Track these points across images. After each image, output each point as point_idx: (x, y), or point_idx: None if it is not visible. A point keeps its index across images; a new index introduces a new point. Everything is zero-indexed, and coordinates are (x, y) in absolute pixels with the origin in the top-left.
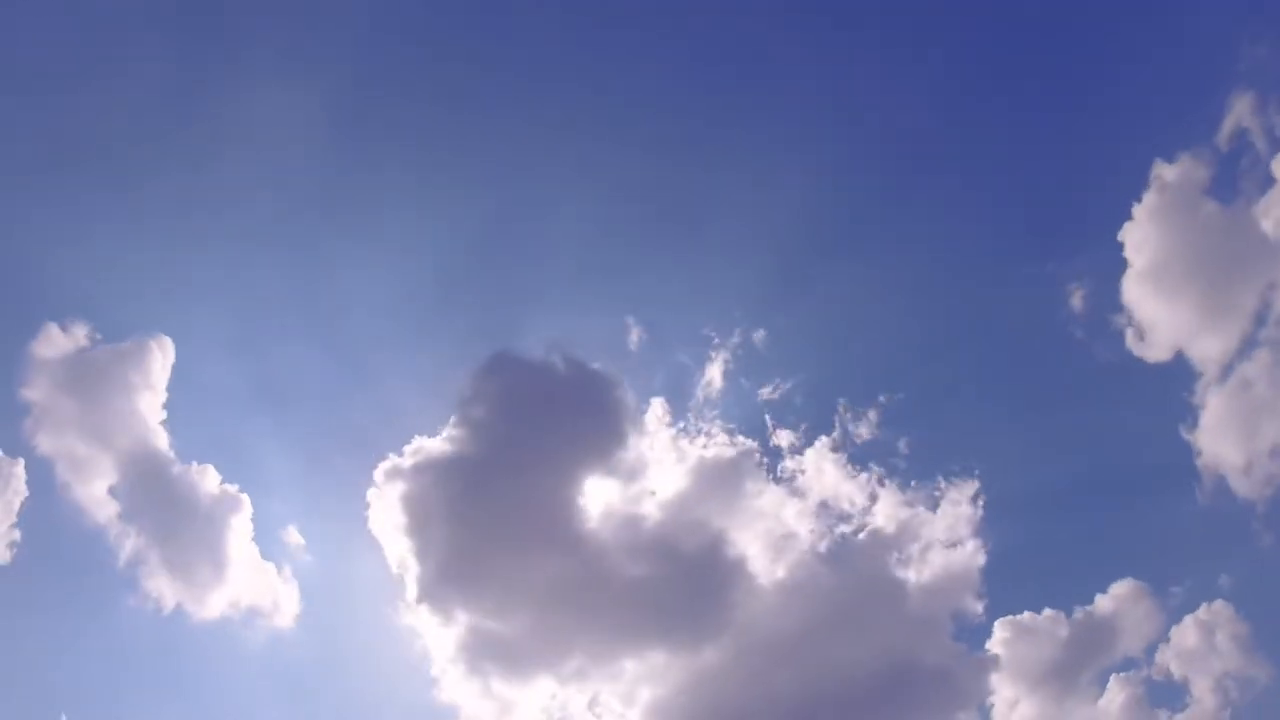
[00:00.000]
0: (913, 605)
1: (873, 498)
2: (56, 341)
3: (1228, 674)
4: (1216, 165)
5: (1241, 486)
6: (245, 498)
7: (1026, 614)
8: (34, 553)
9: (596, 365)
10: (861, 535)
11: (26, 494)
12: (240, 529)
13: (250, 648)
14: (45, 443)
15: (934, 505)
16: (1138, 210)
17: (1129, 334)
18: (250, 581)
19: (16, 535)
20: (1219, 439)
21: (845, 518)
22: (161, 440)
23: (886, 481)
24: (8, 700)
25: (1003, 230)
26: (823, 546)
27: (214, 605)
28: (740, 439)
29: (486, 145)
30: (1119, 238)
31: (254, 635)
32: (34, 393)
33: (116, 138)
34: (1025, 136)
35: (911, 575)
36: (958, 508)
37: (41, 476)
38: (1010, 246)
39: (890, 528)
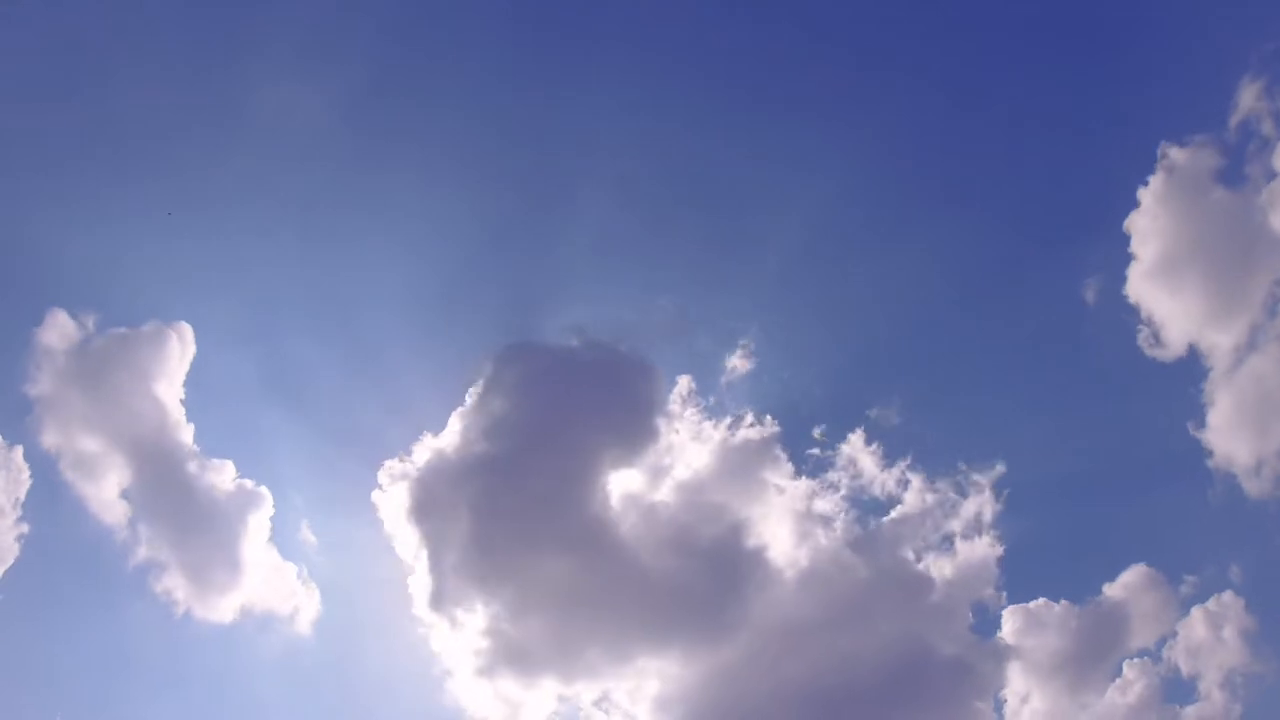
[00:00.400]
0: (930, 595)
1: (893, 488)
2: (65, 328)
3: (1235, 669)
4: (1225, 152)
5: (1252, 485)
6: (263, 492)
7: (1040, 605)
8: (43, 549)
9: (618, 355)
10: (881, 525)
11: (31, 484)
12: (258, 527)
13: (265, 650)
14: (53, 434)
15: (950, 497)
16: (1145, 197)
17: (1138, 326)
18: (267, 581)
19: (25, 529)
20: (1229, 435)
21: (865, 507)
22: (178, 432)
23: (906, 472)
24: (17, 704)
25: (1017, 219)
26: (843, 536)
27: (229, 606)
28: (762, 428)
29: (507, 135)
30: (1126, 226)
31: (268, 638)
32: (42, 382)
33: (134, 129)
34: (1034, 125)
35: (929, 566)
36: (974, 500)
37: (49, 468)
38: (1024, 235)
39: (909, 518)
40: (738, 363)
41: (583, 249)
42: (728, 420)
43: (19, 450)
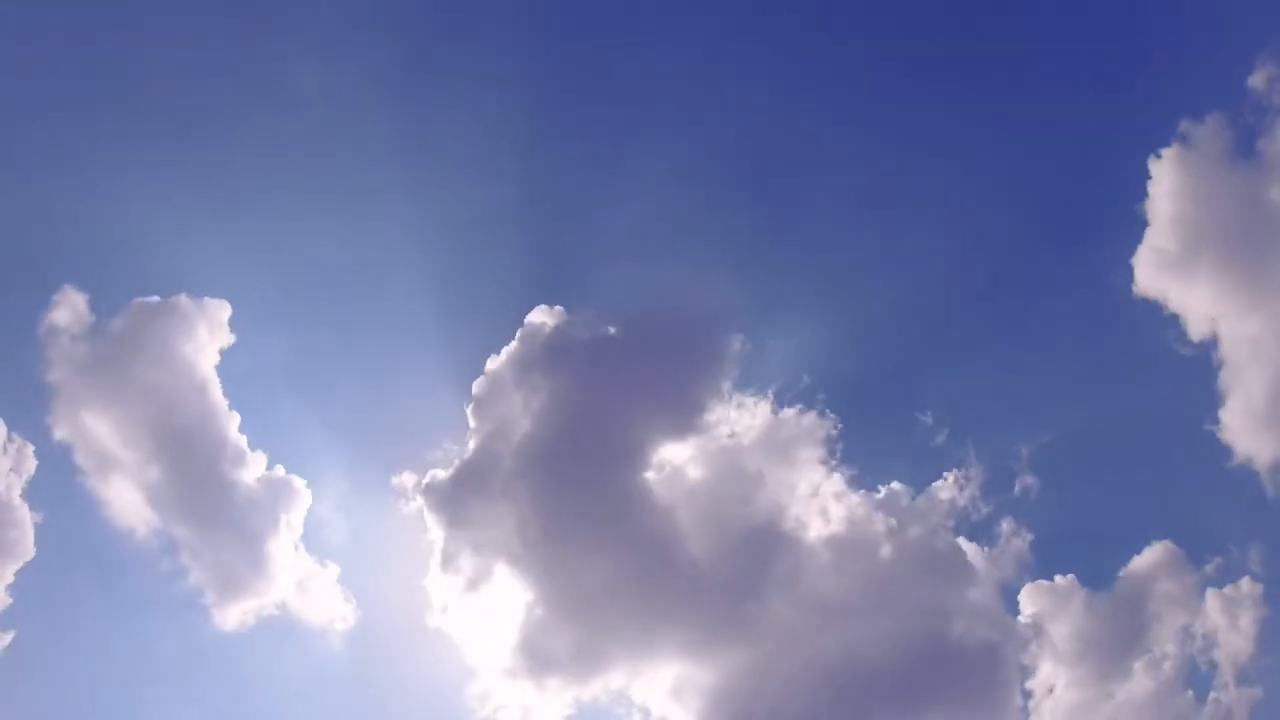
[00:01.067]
0: (964, 576)
1: (928, 470)
2: (77, 306)
3: (1253, 656)
4: (1242, 132)
5: (1271, 480)
6: (297, 487)
7: (1060, 590)
8: (56, 548)
9: (660, 334)
10: (917, 506)
11: (36, 467)
12: (290, 525)
13: (292, 654)
14: (65, 422)
15: (980, 480)
16: (1159, 178)
17: (1153, 312)
18: (298, 582)
19: (36, 522)
20: (1247, 427)
21: (892, 492)
22: (209, 420)
23: (939, 455)
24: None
25: (1029, 204)
26: (880, 517)
27: (257, 608)
28: (791, 415)
29: (552, 114)
30: (1142, 208)
31: (297, 642)
32: (54, 366)
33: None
34: (1050, 108)
35: (954, 549)
36: (999, 483)
37: (61, 459)
38: (1036, 221)
39: (944, 499)
40: (778, 344)
41: (629, 230)
42: (771, 401)
43: (27, 441)
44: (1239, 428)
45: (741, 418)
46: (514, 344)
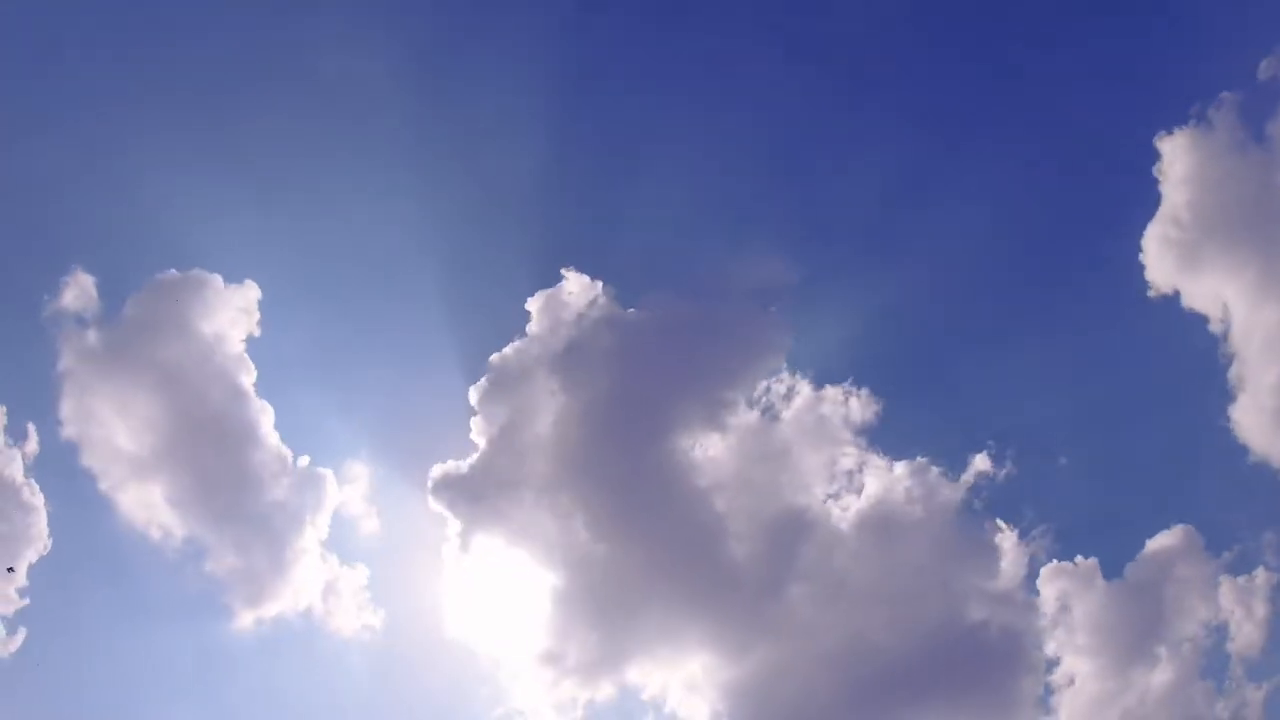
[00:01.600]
0: (984, 559)
1: (949, 453)
2: (84, 288)
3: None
4: (1256, 117)
5: None
6: (326, 482)
7: (1080, 571)
8: (70, 546)
9: (703, 320)
10: (941, 488)
11: (41, 457)
12: (317, 521)
13: (311, 653)
14: (75, 414)
15: (1002, 468)
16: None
17: (1167, 301)
18: (324, 579)
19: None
20: (1262, 422)
21: (926, 469)
22: (231, 410)
23: (959, 439)
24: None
25: (1063, 197)
26: (910, 500)
27: (278, 606)
28: (825, 400)
29: (588, 91)
30: (1157, 194)
31: (316, 640)
32: (66, 353)
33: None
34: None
35: (983, 528)
36: (1019, 474)
37: (71, 454)
38: (1067, 212)
39: (966, 482)
40: (818, 325)
41: (665, 211)
42: (811, 380)
43: (34, 436)
44: (1251, 425)
45: (781, 393)
46: (536, 320)
